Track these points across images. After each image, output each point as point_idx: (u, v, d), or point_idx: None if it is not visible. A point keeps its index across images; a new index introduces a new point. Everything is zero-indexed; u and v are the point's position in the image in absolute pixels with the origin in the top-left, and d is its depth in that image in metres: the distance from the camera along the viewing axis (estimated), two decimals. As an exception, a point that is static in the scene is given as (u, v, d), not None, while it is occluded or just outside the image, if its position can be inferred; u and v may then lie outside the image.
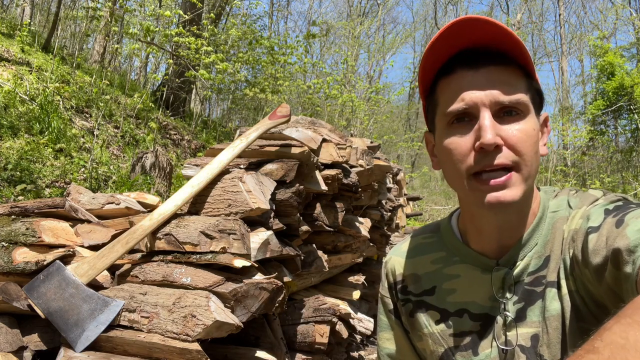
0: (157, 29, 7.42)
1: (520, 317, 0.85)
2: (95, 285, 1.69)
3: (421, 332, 0.97)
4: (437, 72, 0.86)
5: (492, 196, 0.78)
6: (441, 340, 0.93)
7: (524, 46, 0.79)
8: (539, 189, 0.91)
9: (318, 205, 2.42)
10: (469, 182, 0.81)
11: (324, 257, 2.46)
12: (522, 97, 0.80)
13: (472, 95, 0.79)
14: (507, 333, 0.85)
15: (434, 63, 0.84)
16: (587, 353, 0.51)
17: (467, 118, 0.81)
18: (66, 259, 1.68)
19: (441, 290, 0.94)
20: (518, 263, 0.86)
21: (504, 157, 0.78)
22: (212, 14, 9.32)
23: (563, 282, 0.81)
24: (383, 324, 1.07)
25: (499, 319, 0.86)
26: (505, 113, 0.80)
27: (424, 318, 0.96)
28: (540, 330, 0.82)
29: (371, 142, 3.48)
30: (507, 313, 0.85)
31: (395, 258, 1.03)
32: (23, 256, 1.64)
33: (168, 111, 8.77)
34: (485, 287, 0.88)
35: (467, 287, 0.91)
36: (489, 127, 0.77)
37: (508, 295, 0.86)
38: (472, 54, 0.81)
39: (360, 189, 2.77)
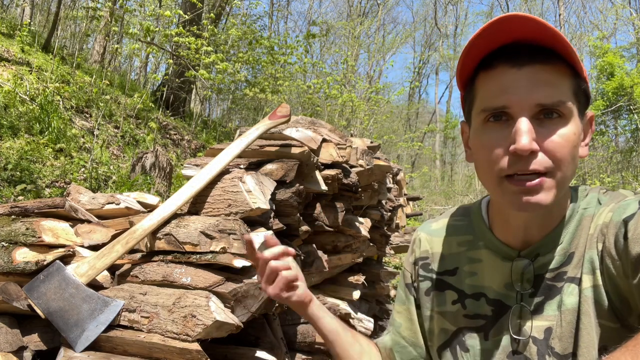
0: (157, 29, 7.42)
1: (538, 310, 0.84)
2: (95, 285, 1.69)
3: (433, 312, 0.97)
4: (478, 64, 0.83)
5: (524, 199, 0.77)
6: (454, 320, 0.93)
7: (571, 46, 0.76)
8: (572, 188, 0.90)
9: (318, 205, 2.42)
10: (501, 184, 0.79)
11: (324, 257, 2.46)
12: (565, 99, 0.77)
13: (511, 95, 0.76)
14: (522, 324, 0.85)
15: (475, 55, 0.81)
16: (636, 347, 0.50)
17: (505, 117, 0.78)
18: (66, 259, 1.69)
19: (462, 272, 0.94)
20: (540, 257, 0.85)
21: (539, 163, 0.75)
22: (212, 14, 9.31)
23: (585, 277, 0.80)
24: (399, 296, 1.07)
25: (515, 309, 0.86)
26: (545, 115, 0.77)
27: (440, 297, 0.96)
28: (554, 324, 0.82)
29: (371, 142, 3.48)
30: (524, 304, 0.85)
31: (425, 235, 1.04)
32: (23, 256, 1.64)
33: (168, 111, 8.77)
34: (503, 275, 0.88)
35: (487, 273, 0.91)
36: (525, 131, 0.74)
37: (526, 286, 0.86)
38: (516, 49, 0.78)
39: (360, 189, 2.77)
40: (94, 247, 1.88)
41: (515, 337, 0.85)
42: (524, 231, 0.86)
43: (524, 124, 0.75)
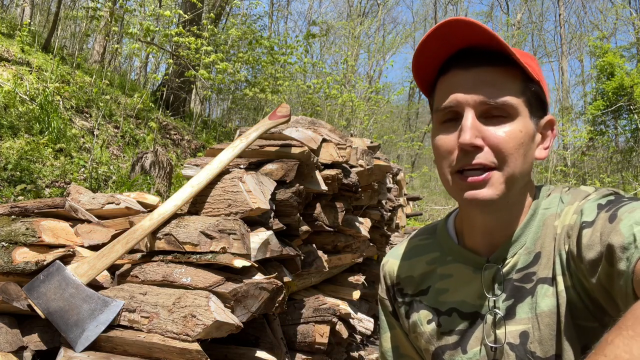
0: (157, 29, 7.42)
1: (510, 314, 0.85)
2: (95, 285, 1.69)
3: (416, 333, 0.98)
4: (439, 70, 0.87)
5: (469, 194, 0.80)
6: (431, 339, 0.94)
7: (512, 51, 0.80)
8: (536, 187, 0.92)
9: (318, 205, 2.42)
10: (453, 180, 0.83)
11: (324, 257, 2.46)
12: (510, 99, 0.80)
13: (457, 96, 0.81)
14: (497, 331, 0.86)
15: (433, 61, 0.86)
16: None
17: (457, 116, 0.83)
18: (66, 259, 1.68)
19: (434, 290, 0.95)
20: (508, 260, 0.86)
21: (483, 157, 0.79)
22: (212, 14, 9.31)
23: (559, 278, 0.81)
24: (384, 325, 1.08)
25: (489, 317, 0.87)
26: (492, 114, 0.81)
27: (417, 318, 0.97)
28: (530, 327, 0.82)
29: (371, 142, 3.48)
30: (497, 310, 0.86)
31: (392, 261, 1.05)
32: (23, 256, 1.64)
33: (168, 111, 8.77)
34: (476, 286, 0.89)
35: (458, 286, 0.92)
36: (468, 127, 0.79)
37: (498, 292, 0.86)
38: (467, 54, 0.83)
39: (360, 189, 2.77)
40: (94, 247, 1.87)
41: (491, 345, 0.86)
42: (488, 232, 0.88)
43: (468, 120, 0.80)
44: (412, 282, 0.99)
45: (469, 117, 0.80)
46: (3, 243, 1.70)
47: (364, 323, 3.08)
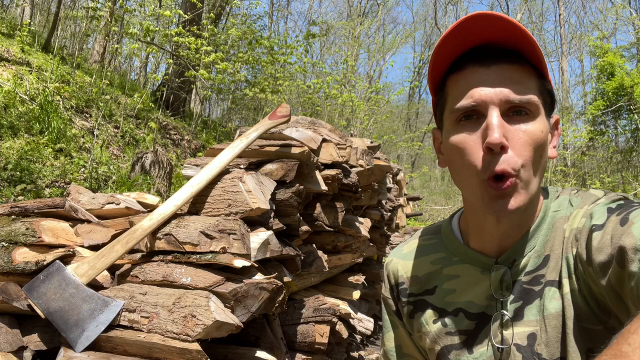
0: (157, 28, 7.42)
1: (518, 315, 0.84)
2: (95, 285, 1.69)
3: (420, 332, 0.97)
4: (448, 68, 0.84)
5: (497, 205, 0.78)
6: (437, 339, 0.93)
7: (537, 45, 0.77)
8: (543, 189, 0.91)
9: (318, 205, 2.42)
10: (477, 186, 0.80)
11: (324, 257, 2.46)
12: (533, 97, 0.78)
13: (481, 93, 0.78)
14: (504, 332, 0.85)
15: (444, 59, 0.83)
16: (615, 358, 0.50)
17: (475, 115, 0.79)
18: (66, 259, 1.68)
19: (441, 290, 0.94)
20: (517, 262, 0.86)
21: (507, 162, 0.76)
22: (212, 14, 9.31)
23: (565, 281, 0.80)
24: (387, 324, 1.07)
25: (495, 318, 0.86)
26: (514, 112, 0.78)
27: (422, 318, 0.96)
28: (538, 329, 0.82)
29: (371, 142, 3.48)
30: (504, 312, 0.85)
31: (396, 260, 1.04)
32: (23, 256, 1.64)
33: (168, 111, 8.77)
34: (484, 286, 0.88)
35: (466, 287, 0.91)
36: (496, 126, 0.75)
37: (506, 294, 0.86)
38: (484, 50, 0.80)
39: (360, 189, 2.77)
40: (94, 247, 1.87)
41: (498, 346, 0.85)
42: (499, 235, 0.86)
43: (494, 119, 0.76)
44: (417, 282, 0.98)
45: (495, 115, 0.76)
46: (3, 243, 1.70)
47: (364, 323, 3.08)
